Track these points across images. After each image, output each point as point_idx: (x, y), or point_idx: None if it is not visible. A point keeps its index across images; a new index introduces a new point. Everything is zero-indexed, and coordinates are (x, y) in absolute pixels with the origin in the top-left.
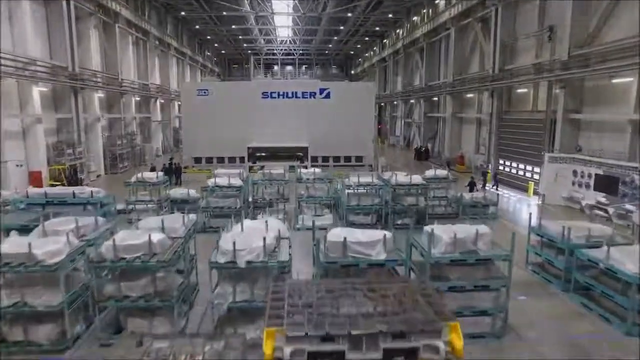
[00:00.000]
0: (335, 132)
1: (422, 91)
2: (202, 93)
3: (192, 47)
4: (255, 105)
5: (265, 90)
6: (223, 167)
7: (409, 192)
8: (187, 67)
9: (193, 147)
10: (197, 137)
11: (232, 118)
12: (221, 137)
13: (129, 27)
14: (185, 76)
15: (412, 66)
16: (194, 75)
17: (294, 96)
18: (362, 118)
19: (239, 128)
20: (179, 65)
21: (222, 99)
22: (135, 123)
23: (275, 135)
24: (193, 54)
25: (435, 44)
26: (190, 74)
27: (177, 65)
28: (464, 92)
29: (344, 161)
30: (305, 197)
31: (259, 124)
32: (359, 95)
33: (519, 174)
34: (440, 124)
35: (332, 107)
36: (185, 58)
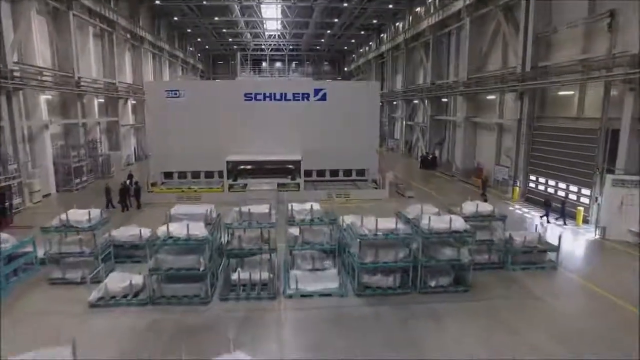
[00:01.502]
0: (333, 141)
1: (428, 91)
2: (172, 94)
3: (171, 41)
4: (237, 109)
5: (249, 90)
6: (184, 201)
7: (447, 239)
8: (165, 64)
9: (162, 160)
10: (167, 147)
11: (209, 124)
12: (196, 148)
13: (90, 16)
14: (164, 74)
15: (415, 63)
16: (174, 72)
17: (283, 98)
18: (365, 124)
19: (218, 137)
20: (155, 62)
21: (197, 102)
22: (100, 128)
23: (261, 145)
24: (172, 48)
25: (443, 38)
26: (170, 71)
27: (153, 61)
28: (481, 93)
29: (344, 175)
30: (299, 243)
31: (241, 131)
32: (360, 96)
33: (558, 194)
34: (450, 129)
35: (329, 111)
36: (162, 53)
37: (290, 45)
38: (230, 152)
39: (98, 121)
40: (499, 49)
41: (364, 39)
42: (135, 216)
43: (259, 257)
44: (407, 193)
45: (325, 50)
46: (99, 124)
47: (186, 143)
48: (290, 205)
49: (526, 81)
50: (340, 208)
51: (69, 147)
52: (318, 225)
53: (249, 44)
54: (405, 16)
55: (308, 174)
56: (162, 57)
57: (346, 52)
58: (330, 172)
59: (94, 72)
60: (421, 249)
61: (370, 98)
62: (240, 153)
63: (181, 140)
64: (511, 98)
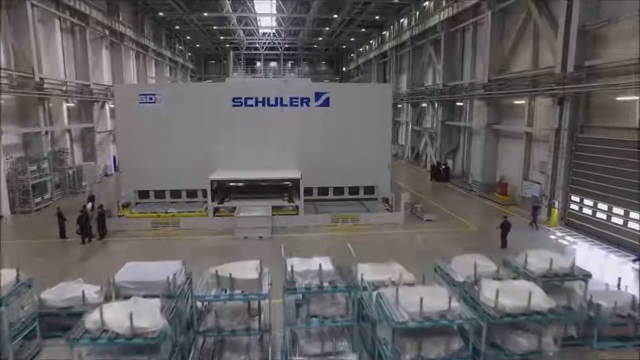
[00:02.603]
0: (337, 154)
1: (440, 93)
2: (146, 99)
3: (158, 39)
4: (224, 116)
5: (238, 94)
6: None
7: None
8: (150, 63)
9: (135, 177)
10: (141, 162)
11: (191, 135)
12: (176, 162)
13: (57, 8)
14: (149, 74)
15: (423, 62)
16: (161, 72)
17: (278, 103)
18: (375, 134)
19: (201, 149)
20: (139, 61)
21: (177, 108)
22: (70, 137)
23: (252, 159)
24: (158, 47)
25: (457, 34)
26: (156, 72)
27: (136, 60)
28: (505, 97)
29: (349, 194)
30: (304, 318)
31: (229, 143)
32: (369, 101)
33: (612, 221)
34: (465, 136)
35: (333, 118)
36: (147, 52)
37: (285, 44)
38: (216, 166)
39: (68, 128)
40: (529, 46)
41: (364, 37)
42: (95, 252)
43: (247, 338)
44: (425, 216)
45: (322, 49)
46: (70, 131)
47: (164, 156)
48: (290, 264)
49: (569, 84)
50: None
51: (28, 160)
52: (330, 291)
53: (242, 42)
54: (412, 11)
55: (308, 192)
56: (147, 56)
57: (344, 50)
58: (333, 190)
59: (63, 73)
60: (485, 338)
61: (382, 103)
62: (228, 168)
63: (158, 153)
64: (546, 103)
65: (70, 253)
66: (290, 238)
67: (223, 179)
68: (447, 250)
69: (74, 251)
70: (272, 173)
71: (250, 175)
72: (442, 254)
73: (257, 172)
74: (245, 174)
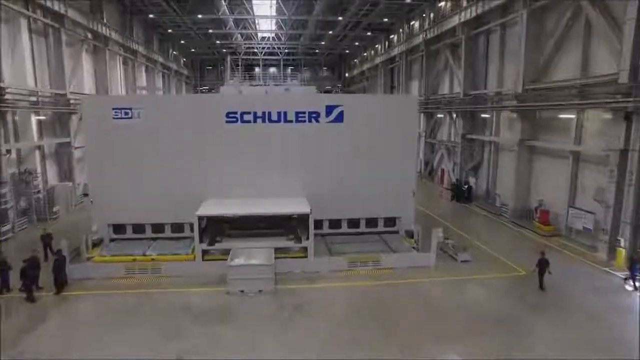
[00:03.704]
0: (352, 179)
1: (460, 103)
2: (122, 114)
3: (149, 43)
4: (217, 134)
5: (233, 108)
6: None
7: None
8: (140, 70)
9: (109, 208)
10: (116, 190)
11: (176, 157)
12: (158, 190)
13: (25, 6)
14: (140, 81)
15: (438, 68)
16: (151, 79)
17: (281, 119)
18: (397, 155)
19: (189, 175)
20: (127, 67)
21: (159, 125)
22: (42, 154)
23: (250, 187)
24: (149, 51)
25: (479, 37)
26: (147, 79)
27: (123, 66)
28: (546, 109)
29: (367, 226)
30: None
31: (222, 167)
32: (391, 116)
33: None
34: (490, 152)
35: (347, 137)
36: (136, 57)
37: (285, 49)
38: (206, 195)
39: (38, 145)
40: (577, 50)
41: (369, 42)
42: (46, 314)
43: None
44: (459, 255)
45: (324, 54)
46: (40, 148)
47: (143, 183)
48: None
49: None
50: (371, 290)
51: None
52: None
53: (239, 46)
54: (425, 13)
55: (318, 225)
56: (136, 61)
57: (348, 55)
58: (348, 222)
59: (33, 81)
60: None
61: (405, 118)
62: (221, 197)
63: (136, 179)
64: (602, 118)
65: (10, 314)
66: (298, 292)
67: (213, 214)
68: (506, 315)
69: (16, 312)
70: (275, 206)
71: (248, 209)
72: (502, 321)
73: (256, 204)
74: (242, 206)
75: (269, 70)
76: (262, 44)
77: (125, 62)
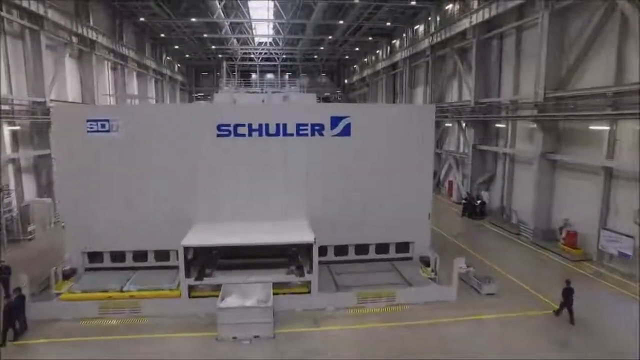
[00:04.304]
0: (360, 199)
1: (471, 112)
2: (98, 127)
3: (141, 48)
4: (207, 150)
5: (226, 120)
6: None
7: None
8: (131, 76)
9: (84, 233)
10: (92, 213)
11: (160, 176)
12: (140, 214)
13: None
14: (130, 88)
15: (445, 74)
16: (144, 86)
17: (280, 132)
18: (411, 172)
19: (175, 195)
20: (116, 73)
21: (141, 139)
22: (15, 168)
23: (244, 209)
24: (141, 57)
25: (492, 41)
26: (139, 85)
27: (112, 72)
28: (574, 119)
29: (377, 252)
30: None
31: (212, 187)
32: (405, 128)
33: None
34: (505, 165)
35: (355, 152)
36: (127, 63)
37: (283, 54)
38: (195, 218)
39: (12, 157)
40: (609, 53)
41: (370, 47)
42: None
43: None
44: (483, 287)
45: (323, 59)
46: (15, 161)
47: (123, 205)
48: None
49: None
50: (386, 335)
51: None
52: None
53: (236, 52)
54: (430, 16)
55: (322, 251)
56: (127, 67)
57: (347, 61)
58: (355, 248)
59: (6, 87)
60: None
61: (421, 130)
62: (212, 221)
63: (114, 200)
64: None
65: None
66: (301, 337)
67: (202, 245)
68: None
69: None
70: (273, 233)
71: (242, 237)
72: None
73: (252, 229)
74: (235, 233)
75: (266, 77)
76: (259, 49)
77: (115, 68)
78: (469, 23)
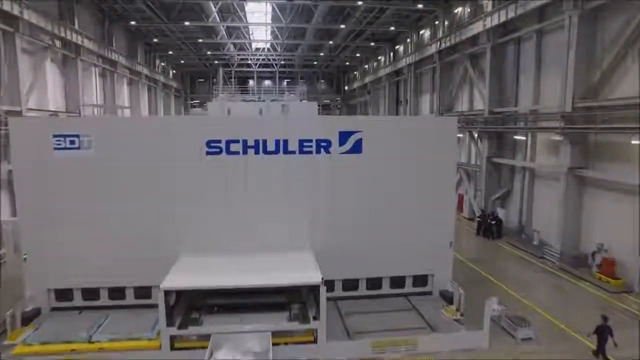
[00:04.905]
0: (373, 227)
1: (485, 122)
2: (67, 144)
3: (132, 53)
4: (194, 170)
5: (216, 136)
6: None
7: None
8: (122, 82)
9: (49, 267)
10: (60, 243)
11: (140, 201)
12: (116, 245)
13: None
14: (121, 95)
15: (454, 82)
16: (136, 93)
17: (280, 149)
18: (430, 195)
19: (156, 224)
20: (105, 80)
21: (118, 158)
22: None
23: (237, 240)
24: (132, 63)
25: (507, 46)
26: (130, 93)
27: (101, 79)
28: (611, 132)
29: (391, 286)
30: None
31: (200, 215)
32: (424, 143)
33: None
34: (525, 180)
35: (368, 172)
36: (116, 69)
37: (281, 60)
38: (181, 249)
39: None
40: None
41: (372, 53)
42: None
43: None
44: (519, 332)
45: (322, 66)
46: None
47: (97, 234)
48: None
49: None
50: None
51: None
52: None
53: (233, 58)
54: (439, 20)
55: (330, 287)
56: (116, 73)
57: (347, 68)
58: (367, 282)
59: None
60: None
61: (442, 146)
62: (201, 253)
63: (87, 228)
64: None
65: None
66: None
67: (186, 288)
68: None
69: None
70: (272, 272)
71: (234, 277)
72: None
73: (247, 265)
74: (226, 271)
75: (264, 83)
76: (256, 55)
77: (104, 75)
78: (482, 26)
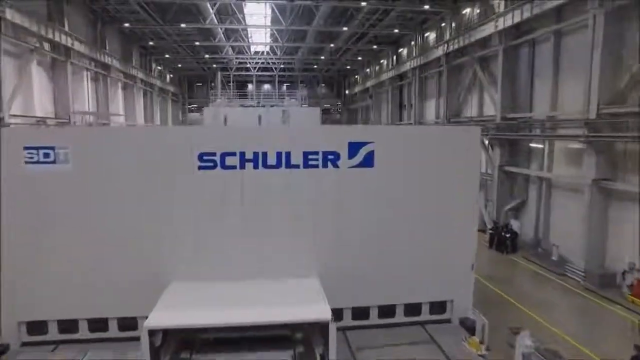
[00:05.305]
0: (385, 249)
1: (496, 129)
2: (41, 157)
3: (127, 56)
4: (185, 187)
5: (209, 148)
6: None
7: None
8: (116, 87)
9: (23, 297)
10: (33, 269)
11: (124, 222)
12: (98, 272)
13: None
14: (114, 102)
15: (462, 86)
16: (130, 98)
17: (282, 163)
18: (450, 212)
19: (143, 247)
20: (97, 84)
21: (99, 174)
22: None
23: (233, 267)
24: (127, 67)
25: (521, 49)
26: (125, 98)
27: (93, 83)
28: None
29: (405, 314)
30: None
31: (191, 237)
32: (444, 156)
33: None
34: (541, 190)
35: (379, 187)
36: (109, 72)
37: (281, 64)
38: (170, 275)
39: None
40: None
41: (373, 56)
42: None
43: None
44: None
45: (323, 69)
46: None
47: (75, 260)
48: None
49: None
50: None
51: None
52: None
53: (231, 61)
54: (445, 22)
55: (337, 316)
56: (109, 77)
57: (348, 71)
58: (379, 310)
59: None
60: None
61: (464, 158)
62: (193, 281)
63: (64, 253)
64: None
65: None
66: None
67: (174, 326)
68: None
69: None
70: (273, 304)
71: (230, 312)
72: None
73: (245, 296)
74: (221, 304)
75: (263, 87)
76: (255, 59)
77: (96, 79)
78: (494, 28)
